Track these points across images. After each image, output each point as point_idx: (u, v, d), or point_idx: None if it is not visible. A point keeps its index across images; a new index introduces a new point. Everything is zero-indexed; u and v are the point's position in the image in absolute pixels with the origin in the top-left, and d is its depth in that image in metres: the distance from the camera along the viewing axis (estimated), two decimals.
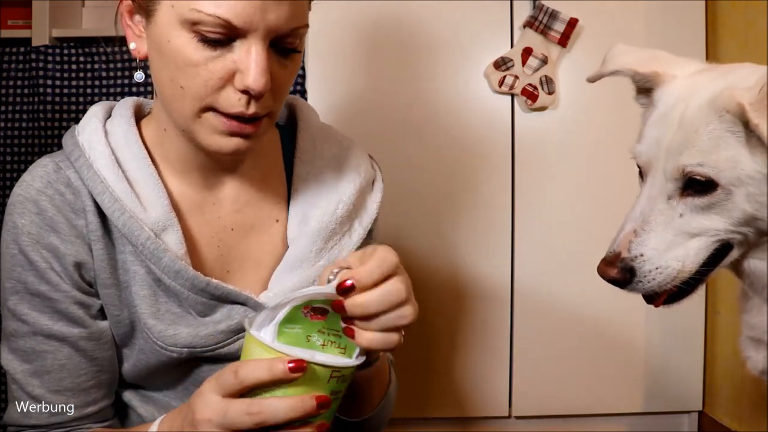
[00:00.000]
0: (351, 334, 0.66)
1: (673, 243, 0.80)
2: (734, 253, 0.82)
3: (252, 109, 0.75)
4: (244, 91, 0.74)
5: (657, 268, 0.80)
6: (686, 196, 0.79)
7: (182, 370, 0.87)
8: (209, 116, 0.76)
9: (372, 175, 0.97)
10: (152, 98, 0.90)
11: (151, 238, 0.80)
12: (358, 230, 0.93)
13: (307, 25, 0.80)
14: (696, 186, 0.78)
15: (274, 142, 0.95)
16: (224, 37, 0.73)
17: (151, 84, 0.83)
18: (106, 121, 0.86)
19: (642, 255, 0.80)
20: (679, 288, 0.82)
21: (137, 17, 0.80)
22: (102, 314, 0.85)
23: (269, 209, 0.91)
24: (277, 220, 0.92)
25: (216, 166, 0.87)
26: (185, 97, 0.76)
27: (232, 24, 0.72)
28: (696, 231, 0.79)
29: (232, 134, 0.77)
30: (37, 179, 0.81)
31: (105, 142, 0.83)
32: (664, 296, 0.83)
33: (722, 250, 0.81)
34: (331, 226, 0.89)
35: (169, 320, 0.83)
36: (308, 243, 0.88)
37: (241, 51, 0.73)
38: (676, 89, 0.83)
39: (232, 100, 0.75)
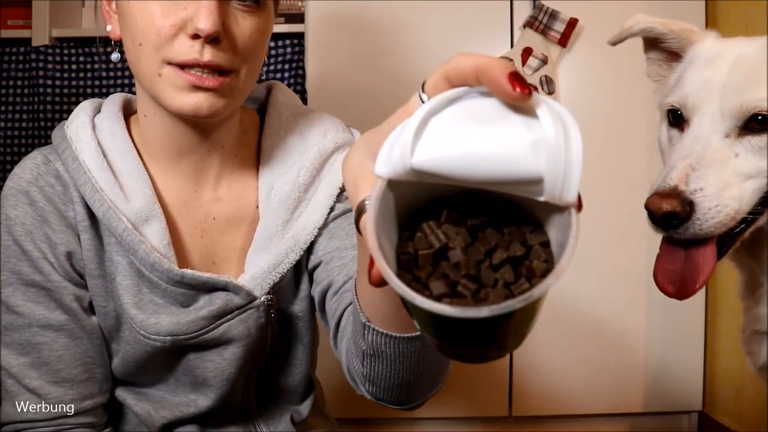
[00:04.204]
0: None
1: (729, 182, 0.76)
2: None
3: (207, 56, 0.75)
4: (196, 36, 0.74)
5: (716, 206, 0.75)
6: (744, 135, 0.78)
7: (169, 360, 0.87)
8: (168, 72, 0.76)
9: (346, 139, 0.92)
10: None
11: (128, 229, 0.80)
12: (326, 190, 0.88)
13: None
14: (756, 125, 0.76)
15: (253, 130, 0.94)
16: None
17: None
18: (95, 115, 0.87)
19: (702, 189, 0.75)
20: (727, 236, 0.78)
21: (113, 4, 0.83)
22: (92, 309, 0.85)
23: (248, 196, 0.90)
24: (257, 207, 0.90)
25: (195, 146, 0.85)
26: (144, 55, 0.77)
27: None
28: (752, 172, 0.77)
29: (193, 88, 0.76)
30: (27, 171, 0.83)
31: (91, 135, 0.84)
32: (712, 259, 0.77)
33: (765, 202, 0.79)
34: (294, 195, 0.87)
35: (151, 309, 0.83)
36: (274, 217, 0.87)
37: None
38: (718, 43, 0.83)
39: (185, 47, 0.75)
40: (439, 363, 0.77)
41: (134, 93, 0.89)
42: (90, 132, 0.84)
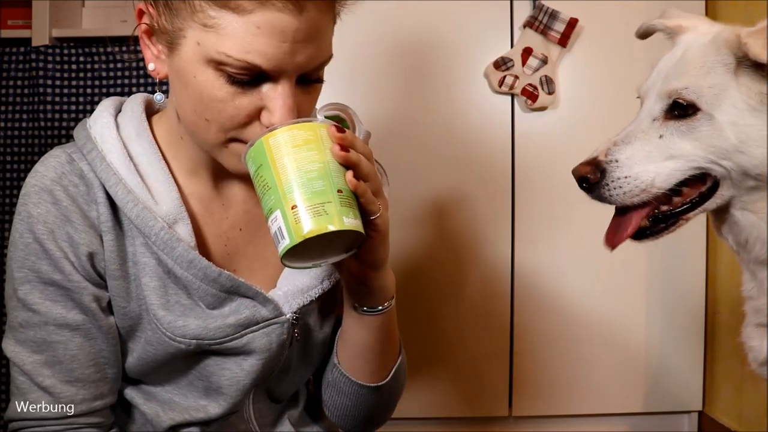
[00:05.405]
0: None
1: (649, 159, 0.85)
2: (723, 193, 0.85)
3: None
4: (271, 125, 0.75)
5: (627, 177, 0.85)
6: (669, 119, 0.85)
7: (188, 363, 0.87)
8: (236, 146, 0.78)
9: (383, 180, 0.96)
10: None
11: (164, 228, 0.81)
12: None
13: (331, 55, 0.80)
14: (679, 110, 0.84)
15: None
16: (252, 78, 0.73)
17: (153, 84, 0.83)
18: (117, 115, 0.87)
19: (617, 161, 0.86)
20: (655, 221, 0.88)
21: (158, 44, 0.80)
22: (110, 309, 0.85)
23: None
24: None
25: (227, 171, 0.86)
26: (210, 129, 0.77)
27: (262, 69, 0.72)
28: (674, 153, 0.84)
29: None
30: (50, 170, 0.82)
31: (117, 136, 0.84)
32: (634, 224, 0.88)
33: (711, 187, 0.85)
34: None
35: (178, 311, 0.83)
36: None
37: (269, 90, 0.74)
38: (691, 35, 0.90)
39: (258, 134, 0.75)
40: (386, 404, 0.95)
41: (141, 91, 0.89)
42: (115, 133, 0.84)
